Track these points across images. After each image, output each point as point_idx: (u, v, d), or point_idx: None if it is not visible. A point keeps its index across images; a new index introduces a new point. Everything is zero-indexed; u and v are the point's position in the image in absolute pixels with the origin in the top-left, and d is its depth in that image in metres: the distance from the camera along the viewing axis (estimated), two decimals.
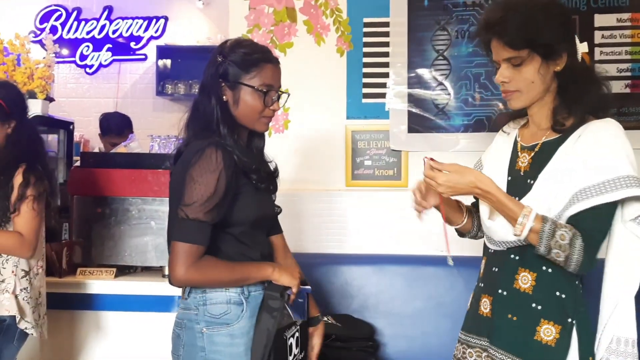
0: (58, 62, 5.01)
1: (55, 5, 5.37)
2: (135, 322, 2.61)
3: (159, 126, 4.73)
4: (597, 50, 2.92)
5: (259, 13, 3.03)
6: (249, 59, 1.66)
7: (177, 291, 1.79)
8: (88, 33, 5.32)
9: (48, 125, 3.33)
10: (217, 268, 1.59)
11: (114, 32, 5.30)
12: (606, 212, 1.45)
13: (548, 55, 1.50)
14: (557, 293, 1.49)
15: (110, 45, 5.31)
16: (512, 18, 1.50)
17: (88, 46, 5.33)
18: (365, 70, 3.01)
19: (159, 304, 2.56)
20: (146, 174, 2.63)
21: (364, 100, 3.02)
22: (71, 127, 3.44)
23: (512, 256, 1.56)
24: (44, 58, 3.11)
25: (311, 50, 3.02)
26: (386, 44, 3.00)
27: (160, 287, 2.55)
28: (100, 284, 2.60)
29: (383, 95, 3.00)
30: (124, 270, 2.72)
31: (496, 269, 1.61)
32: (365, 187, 3.00)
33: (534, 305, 1.51)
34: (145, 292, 2.58)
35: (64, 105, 5.06)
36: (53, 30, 5.33)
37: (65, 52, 5.32)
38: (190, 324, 1.63)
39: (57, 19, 5.36)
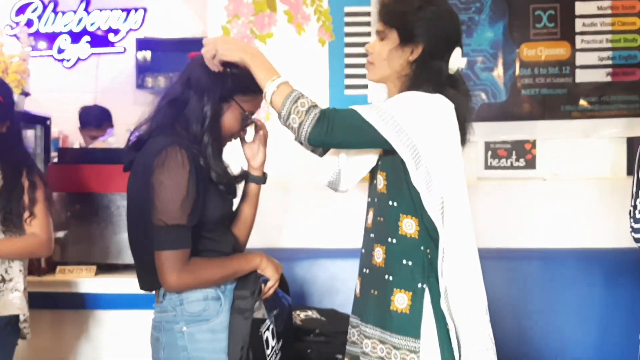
0: (35, 56, 4.92)
1: None
2: (117, 320, 2.59)
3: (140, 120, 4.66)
4: (578, 38, 2.93)
5: (238, 3, 2.99)
6: (253, 83, 1.60)
7: None
8: (65, 26, 5.23)
9: (24, 120, 3.26)
10: (207, 267, 1.56)
11: (92, 24, 5.21)
12: (360, 122, 1.48)
13: (404, 39, 1.56)
14: (404, 261, 1.55)
15: (88, 38, 5.22)
16: None
17: (65, 39, 5.23)
18: (347, 60, 2.99)
19: (141, 301, 2.53)
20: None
21: (347, 92, 3.00)
22: (48, 122, 3.38)
23: (371, 235, 1.64)
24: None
25: (292, 41, 2.99)
26: (368, 34, 2.97)
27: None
28: (80, 281, 2.56)
29: (366, 86, 2.98)
30: (104, 268, 2.68)
31: (363, 250, 1.69)
32: None
33: (386, 277, 1.57)
34: (127, 289, 2.55)
35: (43, 100, 4.97)
36: (29, 23, 5.22)
37: (42, 45, 5.22)
38: (169, 325, 1.59)
39: (33, 12, 5.26)
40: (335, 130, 1.47)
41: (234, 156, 1.77)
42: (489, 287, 2.68)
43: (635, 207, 1.78)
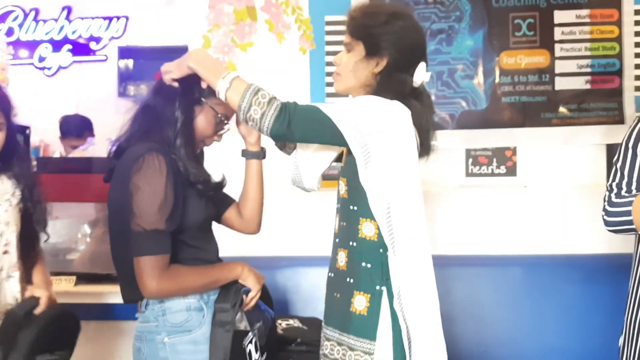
0: (15, 65, 4.87)
1: (12, 5, 5.22)
2: (97, 331, 2.56)
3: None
4: (557, 46, 2.96)
5: (219, 12, 2.99)
6: None
7: None
8: (46, 34, 5.18)
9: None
10: (188, 274, 1.56)
11: (73, 32, 5.17)
12: (320, 116, 1.51)
13: (370, 51, 1.60)
14: (364, 264, 1.57)
15: (69, 46, 5.18)
16: (359, 8, 1.65)
17: (47, 47, 5.20)
18: (328, 69, 2.99)
19: (120, 311, 2.51)
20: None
21: (328, 100, 3.00)
22: (27, 131, 3.35)
23: (336, 240, 1.67)
24: None
25: (273, 49, 2.99)
26: None
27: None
28: (59, 292, 2.52)
29: (346, 95, 2.96)
30: (84, 278, 2.65)
31: (331, 255, 1.71)
32: (333, 187, 2.97)
33: (348, 279, 1.60)
34: (107, 299, 2.53)
35: (24, 109, 4.92)
36: (10, 31, 5.18)
37: (23, 54, 5.17)
38: (151, 336, 1.58)
39: (14, 20, 5.22)
40: (295, 122, 1.49)
41: (214, 164, 1.78)
42: (470, 294, 2.71)
43: (611, 189, 1.79)
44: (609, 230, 1.78)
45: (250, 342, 1.66)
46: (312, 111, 1.53)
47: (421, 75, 1.63)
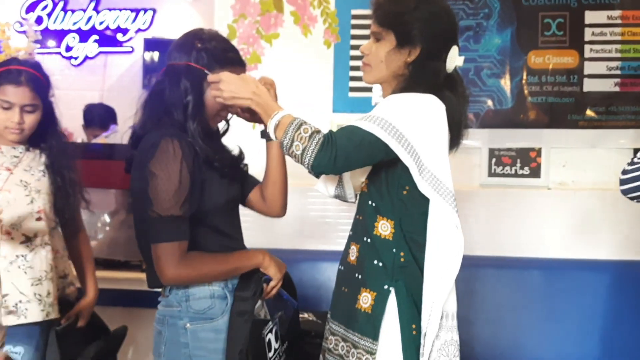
0: (43, 53, 4.94)
1: None
2: (114, 317, 2.56)
3: None
4: (587, 47, 2.90)
5: (245, 2, 2.98)
6: (226, 55, 1.61)
7: None
8: (74, 24, 5.25)
9: None
10: (207, 261, 1.55)
11: (101, 23, 5.23)
12: (362, 135, 1.45)
13: (401, 41, 1.53)
14: (375, 262, 1.54)
15: (96, 37, 5.25)
16: None
17: (74, 37, 5.26)
18: (352, 63, 2.96)
19: (138, 298, 2.51)
20: (123, 165, 2.57)
21: (351, 94, 2.97)
22: None
23: (350, 233, 1.64)
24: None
25: (298, 42, 2.98)
26: None
27: (139, 282, 2.49)
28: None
29: (370, 89, 2.94)
30: (101, 264, 2.65)
31: (344, 249, 1.69)
32: None
33: (356, 275, 1.57)
34: (124, 286, 2.54)
35: None
36: (39, 20, 5.25)
37: (50, 43, 5.24)
38: (173, 320, 1.58)
39: (43, 9, 5.29)
40: (340, 155, 1.43)
41: (232, 140, 1.76)
42: (488, 296, 2.66)
43: (632, 162, 1.78)
44: (628, 198, 1.79)
45: (270, 331, 1.64)
46: (353, 134, 1.46)
47: (454, 60, 1.56)
